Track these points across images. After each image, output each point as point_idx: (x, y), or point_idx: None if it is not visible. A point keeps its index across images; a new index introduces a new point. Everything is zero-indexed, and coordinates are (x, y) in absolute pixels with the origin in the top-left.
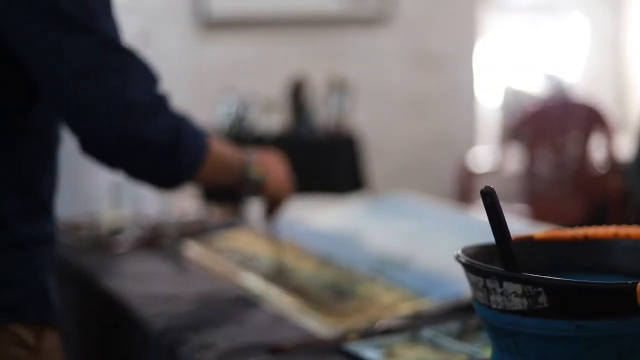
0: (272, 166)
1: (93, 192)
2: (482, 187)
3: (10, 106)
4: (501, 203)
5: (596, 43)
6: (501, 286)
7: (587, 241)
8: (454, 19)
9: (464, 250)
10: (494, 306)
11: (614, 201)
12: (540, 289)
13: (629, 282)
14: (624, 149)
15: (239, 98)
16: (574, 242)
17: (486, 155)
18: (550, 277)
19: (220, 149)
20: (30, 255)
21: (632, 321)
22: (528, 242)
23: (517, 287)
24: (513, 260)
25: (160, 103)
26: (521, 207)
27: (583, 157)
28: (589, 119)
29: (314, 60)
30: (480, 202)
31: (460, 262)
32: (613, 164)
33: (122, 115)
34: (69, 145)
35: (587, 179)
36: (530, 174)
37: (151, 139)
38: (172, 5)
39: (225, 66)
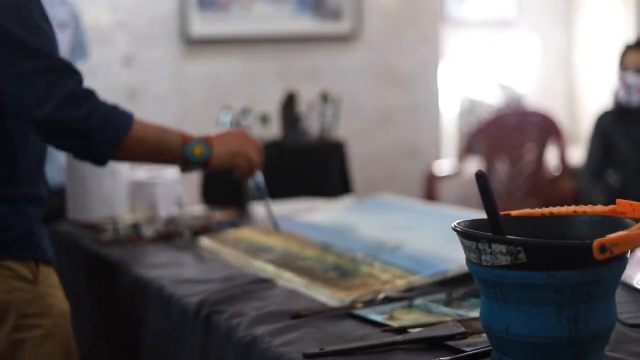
0: (224, 141)
1: (113, 197)
2: (444, 190)
3: None
4: (461, 206)
5: (548, 57)
6: (490, 247)
7: (553, 217)
8: (418, 37)
9: (459, 223)
10: (484, 264)
11: (566, 203)
12: (520, 248)
13: (587, 241)
14: (575, 156)
15: (233, 110)
16: (543, 217)
17: (449, 162)
18: (528, 239)
19: (151, 133)
20: (17, 209)
21: (591, 271)
22: (507, 217)
23: (503, 248)
24: (500, 227)
25: (76, 96)
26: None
27: (538, 162)
28: (543, 126)
29: (291, 76)
30: (443, 202)
31: (457, 231)
32: (566, 168)
33: (43, 107)
34: None
35: (542, 183)
36: (489, 175)
37: (67, 123)
38: (158, 25)
39: (207, 82)
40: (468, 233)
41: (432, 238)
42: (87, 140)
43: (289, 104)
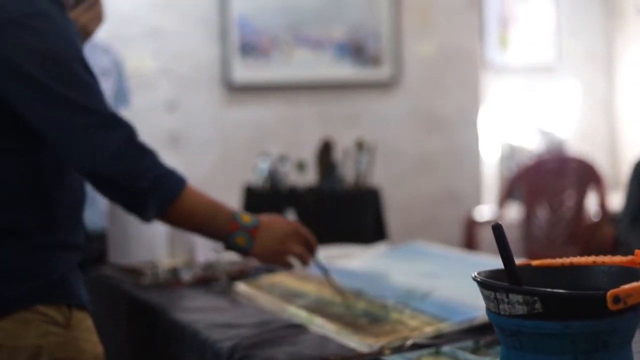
0: (269, 235)
1: (153, 241)
2: (483, 235)
3: (24, 134)
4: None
5: (588, 102)
6: (507, 297)
7: (572, 267)
8: (458, 83)
9: (479, 273)
10: (502, 313)
11: (605, 249)
12: (536, 298)
13: (600, 292)
14: (616, 202)
15: (271, 156)
16: (563, 267)
17: (489, 207)
18: (544, 289)
19: (201, 205)
20: (51, 256)
21: (606, 321)
22: (527, 267)
23: (519, 297)
24: (516, 277)
25: (132, 154)
26: (520, 253)
27: (577, 208)
28: (583, 172)
29: (331, 122)
30: (484, 248)
31: (476, 280)
32: (605, 214)
33: (94, 160)
34: None
35: (582, 229)
36: (527, 223)
37: (115, 179)
38: (200, 71)
39: (248, 128)
40: (486, 283)
41: (461, 285)
42: (133, 199)
43: (325, 151)
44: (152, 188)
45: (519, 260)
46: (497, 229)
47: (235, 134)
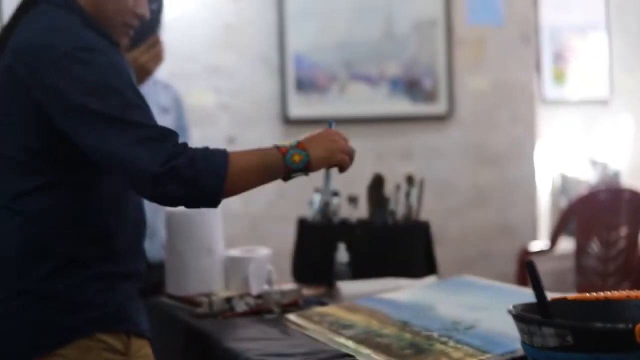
0: (316, 143)
1: (209, 273)
2: (538, 268)
3: (84, 166)
4: (556, 280)
5: None
6: (540, 330)
7: (607, 301)
8: (512, 117)
9: (515, 307)
10: (535, 345)
11: None
12: (567, 331)
13: (629, 326)
14: None
15: (324, 191)
16: (597, 301)
17: (543, 240)
18: (574, 323)
19: (249, 158)
20: (111, 286)
21: (635, 354)
22: (563, 301)
23: (552, 330)
24: (548, 311)
25: (177, 153)
26: (573, 286)
27: (631, 242)
28: (636, 205)
29: (387, 155)
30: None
31: (512, 314)
32: None
33: (153, 165)
34: (195, 235)
35: (634, 263)
36: (580, 256)
37: (175, 173)
38: (258, 107)
39: None
40: (520, 316)
41: (506, 318)
42: (194, 185)
43: (376, 185)
44: (206, 165)
45: (563, 294)
46: (530, 266)
47: None
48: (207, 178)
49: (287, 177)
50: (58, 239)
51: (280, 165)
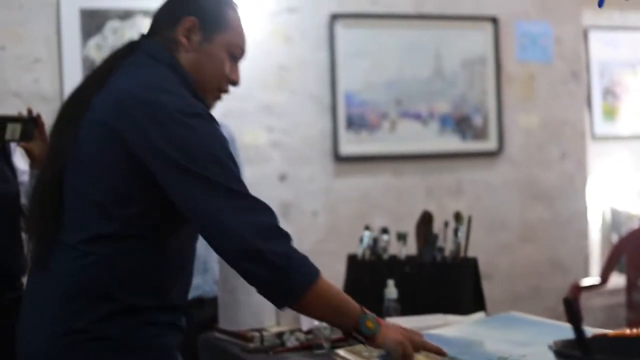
0: (391, 328)
1: (261, 308)
2: (589, 303)
3: (158, 225)
4: (607, 315)
5: None
6: None
7: None
8: (562, 152)
9: (555, 343)
10: None
11: None
12: None
13: None
14: None
15: (374, 228)
16: (637, 337)
17: (594, 275)
18: (610, 358)
19: (334, 291)
20: (160, 332)
21: None
22: (603, 337)
23: None
24: (587, 347)
25: (277, 235)
26: (624, 318)
27: None
28: None
29: (437, 191)
30: (587, 315)
31: (551, 349)
32: None
33: (245, 240)
34: None
35: None
36: (629, 291)
37: (267, 255)
38: (310, 144)
39: (355, 198)
40: (560, 352)
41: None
42: (281, 277)
43: (425, 222)
44: (298, 268)
45: (607, 331)
46: (567, 303)
47: (343, 204)
48: (296, 277)
49: (349, 333)
50: (120, 285)
51: (352, 319)
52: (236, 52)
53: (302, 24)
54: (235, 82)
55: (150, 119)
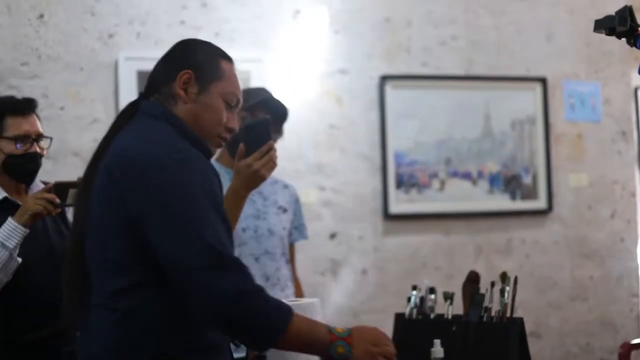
0: (362, 339)
1: None
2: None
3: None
4: None
5: None
6: None
7: None
8: (612, 211)
9: None
10: None
11: None
12: None
13: None
14: None
15: (421, 287)
16: None
17: None
18: None
19: (304, 325)
20: None
21: None
22: None
23: None
24: None
25: (242, 293)
26: None
27: None
28: None
29: (486, 249)
30: None
31: None
32: None
33: (209, 302)
34: None
35: None
36: None
37: (230, 319)
38: (360, 203)
39: (405, 256)
40: None
41: None
42: (247, 335)
43: (471, 281)
44: (264, 323)
45: None
46: None
47: (392, 262)
48: (261, 333)
49: (327, 358)
50: (149, 333)
51: (324, 349)
52: (231, 100)
53: (353, 85)
54: (232, 130)
55: (136, 168)
